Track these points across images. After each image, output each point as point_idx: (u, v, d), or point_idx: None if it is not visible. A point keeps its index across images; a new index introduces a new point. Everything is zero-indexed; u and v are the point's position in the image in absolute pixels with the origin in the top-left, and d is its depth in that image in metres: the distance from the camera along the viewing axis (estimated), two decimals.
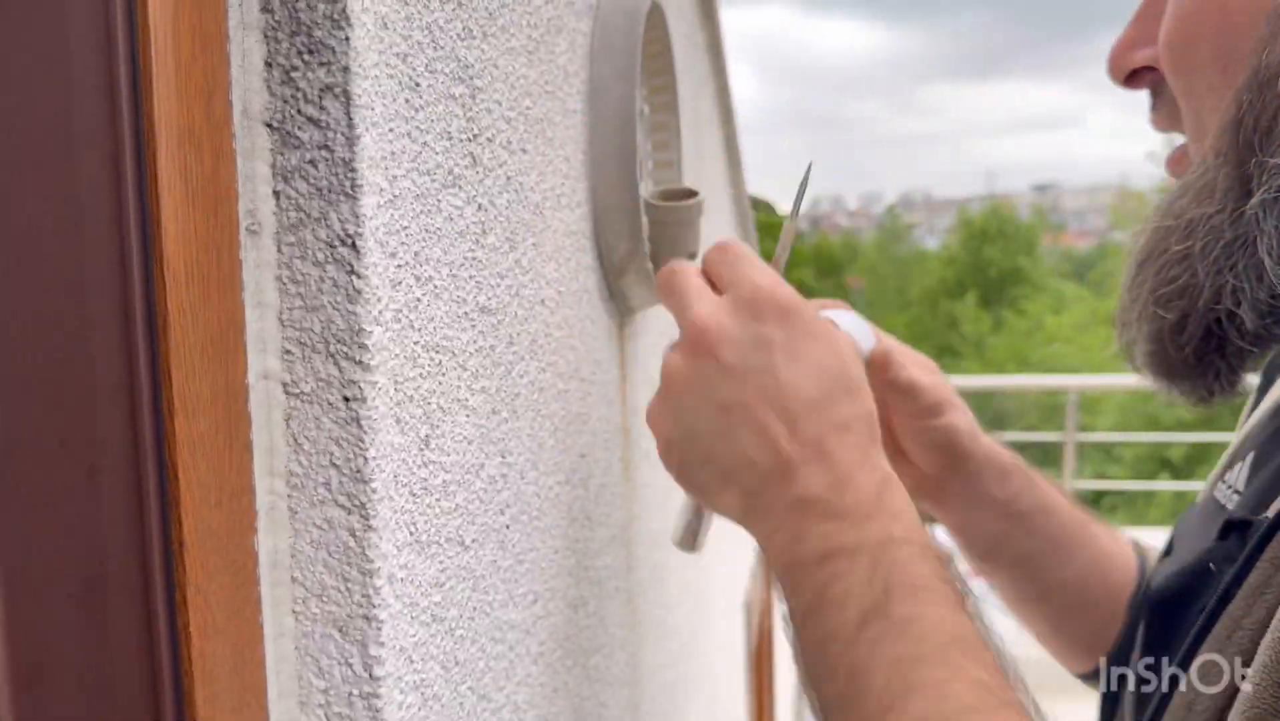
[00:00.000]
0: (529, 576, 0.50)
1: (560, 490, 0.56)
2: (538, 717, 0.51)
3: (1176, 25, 0.53)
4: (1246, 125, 0.52)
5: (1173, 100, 0.57)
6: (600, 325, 0.66)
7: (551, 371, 0.54)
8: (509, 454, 0.47)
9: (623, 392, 0.74)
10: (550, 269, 0.54)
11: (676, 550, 0.60)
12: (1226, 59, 0.52)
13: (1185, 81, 0.55)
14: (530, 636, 0.50)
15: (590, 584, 0.63)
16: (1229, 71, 0.52)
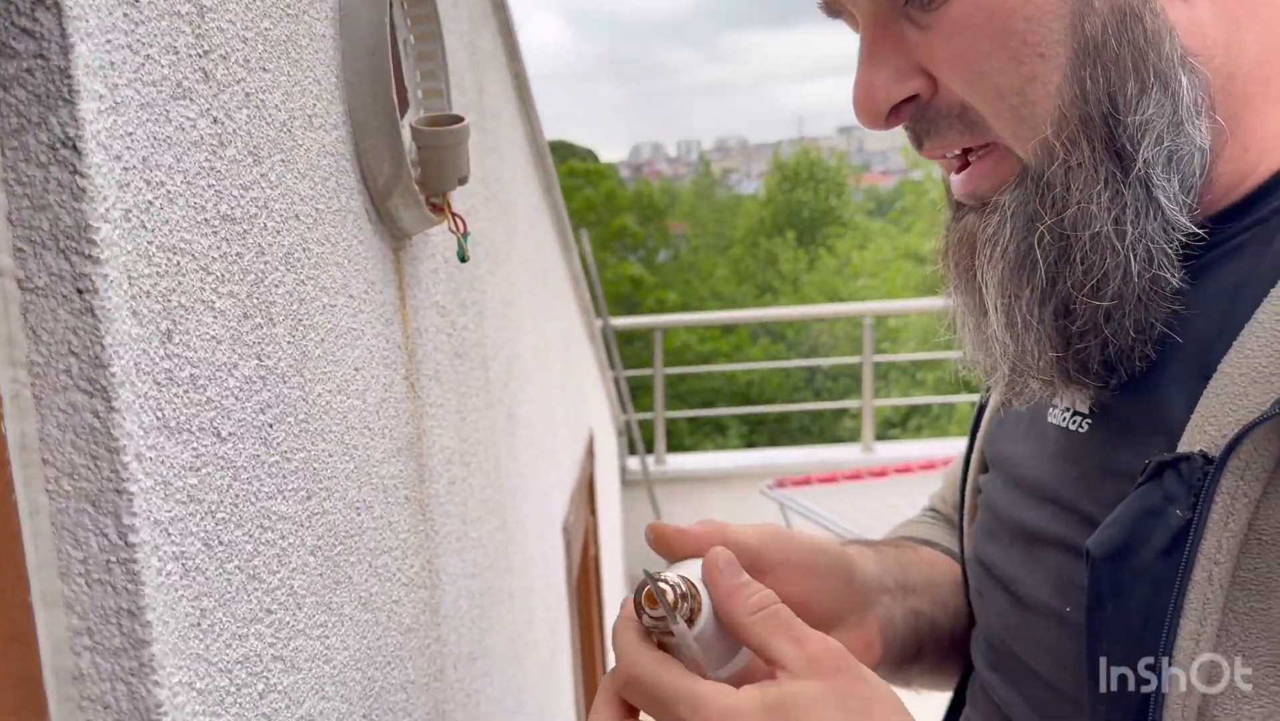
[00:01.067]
0: (299, 473, 0.53)
1: (332, 399, 0.59)
2: (317, 604, 0.55)
3: (969, 36, 0.54)
4: (1093, 98, 0.54)
5: (954, 120, 0.59)
6: (370, 246, 0.69)
7: (313, 285, 0.57)
8: (266, 357, 0.50)
9: (403, 315, 0.77)
10: (305, 186, 0.57)
11: (478, 474, 0.63)
12: (1041, 45, 0.53)
13: (991, 85, 0.56)
14: (304, 529, 0.54)
15: (374, 489, 0.66)
16: (1048, 56, 0.54)
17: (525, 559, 1.36)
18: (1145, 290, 0.56)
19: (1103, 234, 0.56)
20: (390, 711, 0.68)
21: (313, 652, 0.54)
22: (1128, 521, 0.54)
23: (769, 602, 0.52)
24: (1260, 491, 0.51)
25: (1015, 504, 0.68)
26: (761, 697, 0.48)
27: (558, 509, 1.89)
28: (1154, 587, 0.52)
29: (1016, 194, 0.59)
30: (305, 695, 0.53)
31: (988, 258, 0.60)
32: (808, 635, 0.51)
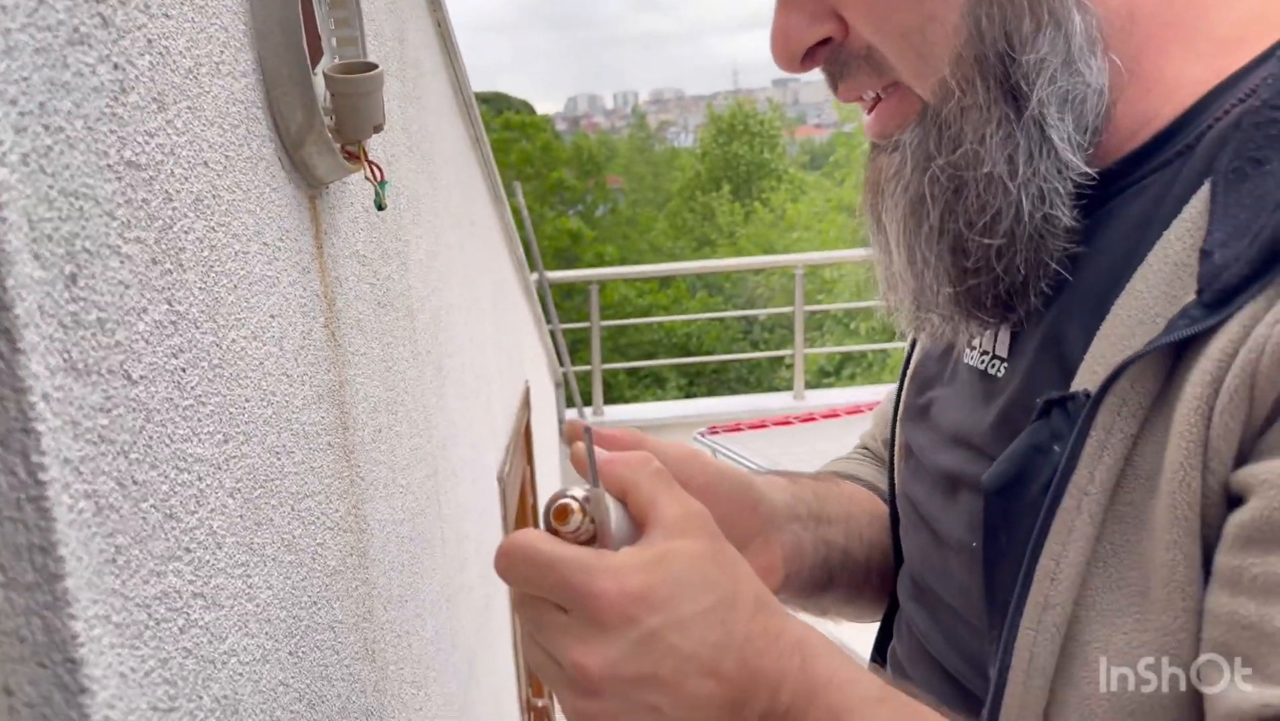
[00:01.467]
0: (215, 417, 0.54)
1: (247, 345, 0.60)
2: (237, 544, 0.56)
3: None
4: (989, 37, 0.55)
5: (861, 62, 0.60)
6: (284, 194, 0.69)
7: (224, 231, 0.58)
8: (177, 302, 0.50)
9: (321, 263, 0.77)
10: (213, 133, 0.57)
11: (405, 422, 0.65)
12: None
13: (894, 26, 0.58)
14: (223, 472, 0.55)
15: (295, 435, 0.68)
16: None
17: (457, 506, 1.38)
18: (1037, 229, 0.58)
19: (994, 173, 0.57)
20: (318, 648, 0.70)
21: (235, 591, 0.55)
22: (1018, 457, 0.56)
23: (661, 469, 0.55)
24: (1137, 428, 0.52)
25: (934, 446, 0.70)
26: (641, 555, 0.51)
27: (492, 459, 1.91)
28: (1036, 518, 0.54)
29: (916, 132, 0.60)
30: (228, 631, 0.54)
31: (890, 194, 0.62)
32: (689, 499, 0.54)
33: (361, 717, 0.81)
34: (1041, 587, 0.54)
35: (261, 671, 0.59)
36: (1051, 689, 0.54)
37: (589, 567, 0.50)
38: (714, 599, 0.51)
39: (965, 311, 0.62)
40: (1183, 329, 0.50)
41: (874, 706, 0.51)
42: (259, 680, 0.58)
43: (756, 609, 0.52)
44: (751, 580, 0.54)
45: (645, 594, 0.49)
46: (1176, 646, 0.50)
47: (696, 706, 0.51)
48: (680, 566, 0.51)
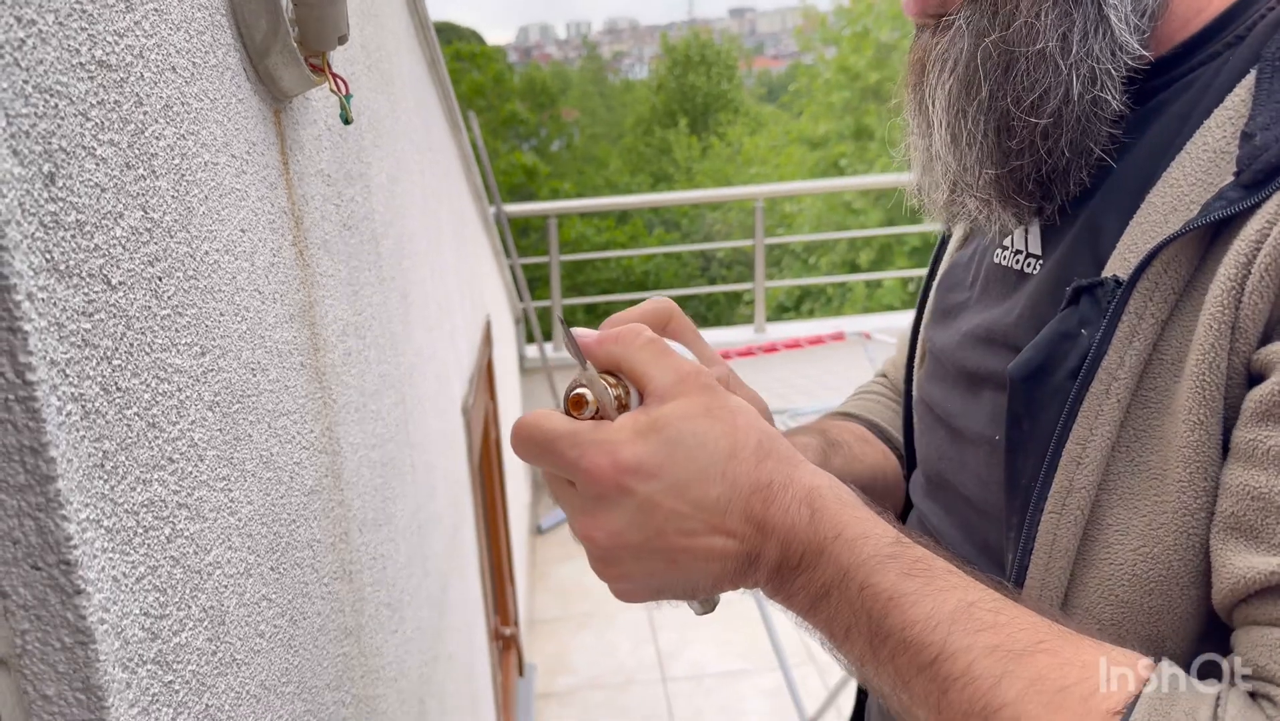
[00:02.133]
0: (191, 329, 0.53)
1: (220, 257, 0.59)
2: (218, 458, 0.56)
3: None
4: None
5: None
6: (250, 105, 0.68)
7: (194, 140, 0.56)
8: (151, 210, 0.49)
9: (287, 180, 0.76)
10: (180, 38, 0.56)
11: (374, 347, 0.63)
12: None
13: None
14: (201, 384, 0.54)
15: (269, 352, 0.67)
16: None
17: (425, 435, 1.38)
18: (1085, 111, 0.57)
19: (1046, 50, 0.56)
20: (298, 566, 0.70)
21: (217, 504, 0.55)
22: (1044, 345, 0.56)
23: (652, 339, 0.54)
24: (1167, 313, 0.52)
25: (958, 346, 0.70)
26: (633, 422, 0.50)
27: (457, 391, 1.90)
28: (1063, 405, 0.54)
29: (969, 9, 0.59)
30: (212, 543, 0.54)
31: (938, 74, 0.61)
32: (680, 362, 0.53)
33: (340, 636, 0.82)
34: (1066, 472, 0.54)
35: (245, 585, 0.59)
36: (1072, 571, 0.55)
37: (580, 442, 0.50)
38: (711, 454, 0.50)
39: (1004, 194, 0.61)
40: (1219, 210, 0.50)
41: (883, 563, 0.49)
42: (243, 593, 0.59)
43: (761, 457, 0.51)
44: (753, 428, 0.52)
45: (638, 462, 0.49)
46: (1196, 526, 0.51)
47: (710, 559, 0.51)
48: (673, 429, 0.50)
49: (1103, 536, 0.54)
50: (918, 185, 0.67)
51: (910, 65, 0.65)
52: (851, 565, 0.49)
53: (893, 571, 0.49)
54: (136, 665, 0.44)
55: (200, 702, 0.51)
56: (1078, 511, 0.54)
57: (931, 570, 0.49)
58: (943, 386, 0.72)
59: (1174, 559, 0.52)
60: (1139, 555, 0.53)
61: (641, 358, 0.53)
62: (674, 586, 0.52)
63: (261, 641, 0.62)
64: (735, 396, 0.53)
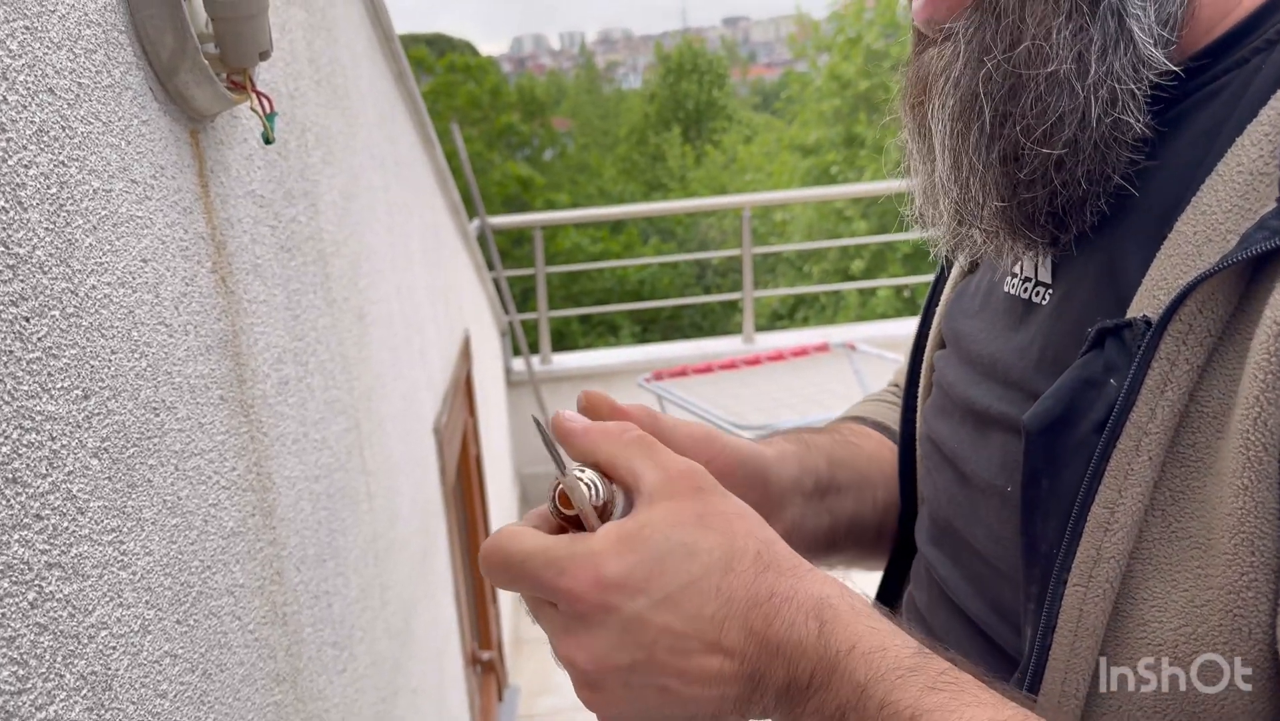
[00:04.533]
0: (70, 371, 0.49)
1: (112, 291, 0.55)
2: (105, 508, 0.52)
3: None
4: None
5: None
6: (157, 127, 0.64)
7: (78, 167, 0.52)
8: (15, 244, 0.45)
9: (206, 203, 0.72)
10: (60, 57, 0.52)
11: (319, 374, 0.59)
12: None
13: None
14: (83, 430, 0.50)
15: (176, 389, 0.63)
16: None
17: (385, 460, 1.33)
18: (1105, 137, 0.51)
19: (1060, 73, 0.50)
20: (214, 615, 0.66)
21: (103, 559, 0.51)
22: (1065, 393, 0.50)
23: (641, 436, 0.50)
24: (1204, 358, 0.46)
25: (965, 381, 0.65)
26: (617, 531, 0.46)
27: (428, 410, 1.86)
28: (1087, 461, 0.48)
29: (971, 20, 0.53)
30: (95, 602, 0.50)
31: (939, 92, 0.55)
32: (672, 460, 0.49)
33: (271, 684, 0.77)
34: (1093, 539, 0.48)
35: (142, 643, 0.55)
36: (1102, 651, 0.48)
37: (557, 561, 0.46)
38: (704, 565, 0.45)
39: (1013, 228, 0.55)
40: (1261, 242, 0.44)
41: (905, 677, 0.44)
42: (138, 652, 0.54)
43: (761, 568, 0.46)
44: (752, 535, 0.47)
45: (623, 578, 0.45)
46: (1242, 607, 0.44)
47: (707, 683, 0.46)
48: (661, 537, 0.46)
49: (1137, 613, 0.47)
50: (920, 213, 0.61)
51: (910, 80, 0.59)
52: (869, 680, 0.44)
53: (915, 686, 0.43)
54: None
55: None
56: (1107, 584, 0.48)
57: (959, 683, 0.44)
58: (949, 423, 0.66)
59: (1220, 641, 0.46)
60: (1180, 635, 0.46)
61: (628, 455, 0.49)
62: (670, 717, 0.47)
63: (163, 702, 0.57)
64: (733, 498, 0.49)
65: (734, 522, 0.48)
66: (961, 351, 0.67)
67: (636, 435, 0.50)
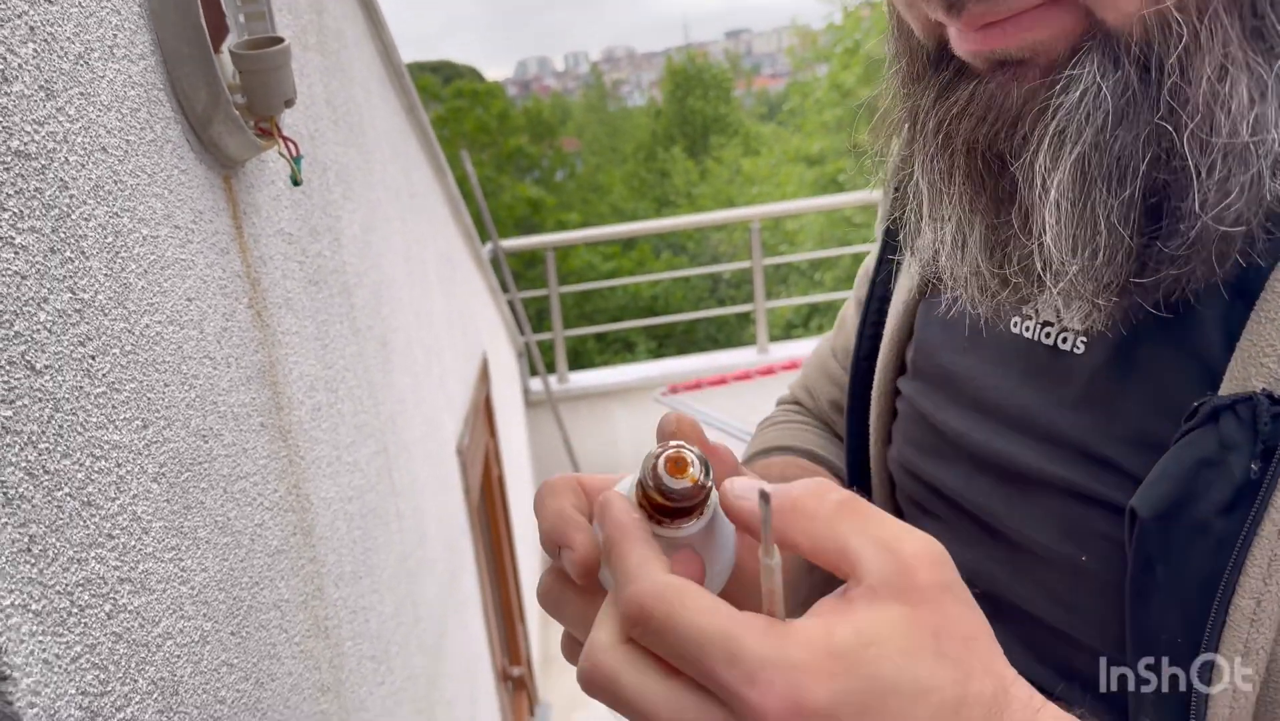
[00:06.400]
0: (131, 403, 0.54)
1: (162, 329, 0.60)
2: (166, 529, 0.56)
3: None
4: None
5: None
6: (195, 175, 0.69)
7: (130, 216, 0.57)
8: (80, 290, 0.50)
9: (241, 243, 0.77)
10: (111, 118, 0.57)
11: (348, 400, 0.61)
12: None
13: None
14: (144, 457, 0.55)
15: (222, 417, 0.68)
16: None
17: (412, 481, 1.38)
18: (1270, 209, 0.44)
19: (1237, 143, 0.43)
20: (263, 628, 0.71)
21: (165, 575, 0.56)
22: (1178, 475, 0.45)
23: (849, 500, 0.37)
24: None
25: (982, 430, 0.59)
26: (826, 641, 0.34)
27: (450, 432, 1.91)
28: (1214, 548, 0.44)
29: (1103, 69, 0.44)
30: (160, 615, 0.55)
31: (1050, 144, 0.46)
32: (902, 535, 0.36)
33: (316, 694, 0.82)
34: (1238, 633, 0.44)
35: (202, 652, 0.60)
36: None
37: (744, 659, 0.34)
38: (931, 709, 0.35)
39: (1123, 301, 0.47)
40: None
41: None
42: (199, 661, 0.59)
43: (996, 711, 0.36)
44: (990, 672, 0.37)
45: (829, 709, 0.33)
46: None
47: None
48: (890, 667, 0.34)
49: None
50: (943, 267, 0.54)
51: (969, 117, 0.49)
52: None
53: None
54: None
55: None
56: (1254, 678, 0.44)
57: None
58: (960, 473, 0.61)
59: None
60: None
61: (842, 530, 0.36)
62: None
63: (222, 707, 0.62)
64: (969, 604, 0.38)
65: (971, 650, 0.37)
66: (960, 394, 0.61)
67: (840, 499, 0.37)
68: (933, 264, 0.56)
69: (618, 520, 0.40)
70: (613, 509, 0.41)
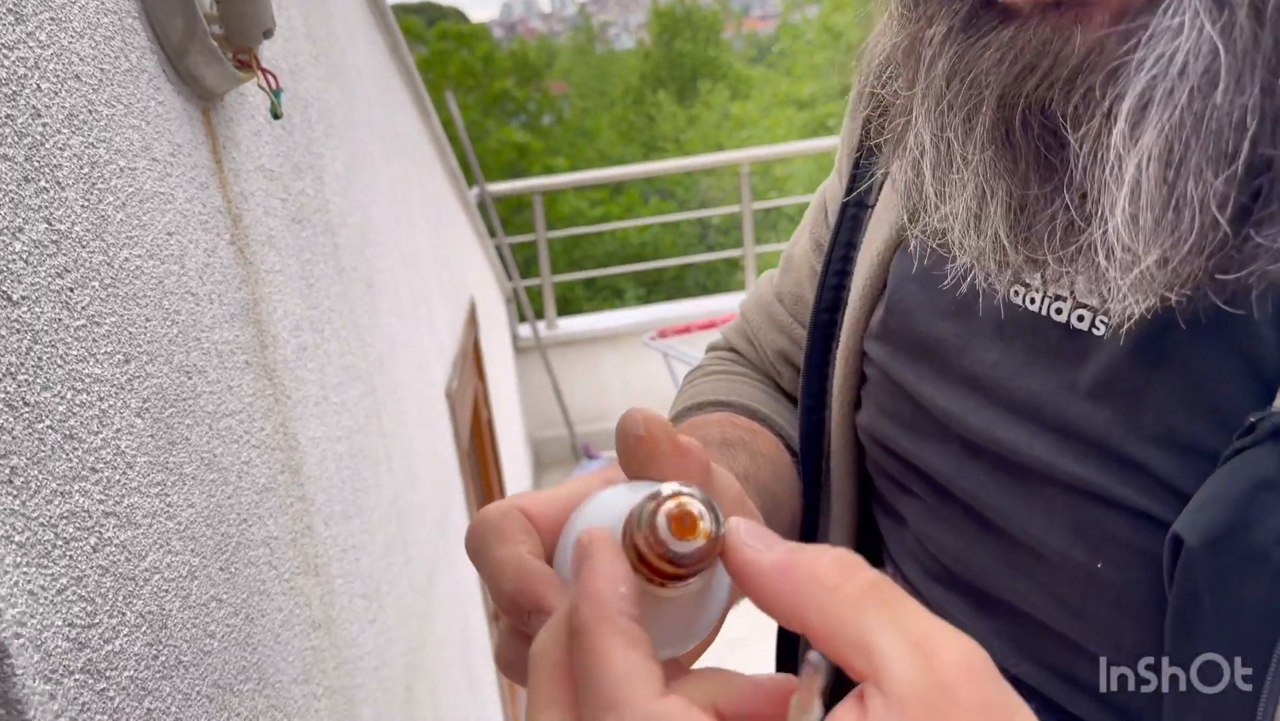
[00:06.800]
0: (112, 337, 0.53)
1: (142, 263, 0.59)
2: (150, 464, 0.56)
3: None
4: None
5: None
6: (172, 107, 0.67)
7: (106, 147, 0.56)
8: (57, 221, 0.49)
9: (221, 178, 0.76)
10: (84, 46, 0.55)
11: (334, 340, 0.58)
12: None
13: None
14: (126, 392, 0.54)
15: (205, 354, 0.67)
16: None
17: (401, 423, 1.38)
18: None
19: None
20: (252, 564, 0.71)
21: (151, 509, 0.56)
22: (1232, 498, 0.40)
23: (875, 582, 0.30)
24: None
25: (975, 412, 0.53)
26: None
27: (438, 376, 1.90)
28: (1273, 580, 0.39)
29: (1207, 11, 0.37)
30: (147, 549, 0.55)
31: (1131, 111, 0.38)
32: (938, 636, 0.29)
33: (308, 630, 0.82)
34: None
35: (190, 587, 0.60)
36: None
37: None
38: None
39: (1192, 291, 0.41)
40: None
41: None
42: (188, 596, 0.59)
43: None
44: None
45: None
46: None
47: None
48: None
49: None
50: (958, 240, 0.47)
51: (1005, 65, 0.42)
52: None
53: None
54: (61, 676, 0.44)
55: (140, 707, 0.51)
56: None
57: None
58: (950, 457, 0.55)
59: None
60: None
61: (868, 619, 0.29)
62: None
63: (212, 642, 0.62)
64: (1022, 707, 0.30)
65: None
66: (948, 368, 0.54)
67: (871, 579, 0.30)
68: (934, 232, 0.48)
69: (600, 597, 0.30)
70: (596, 577, 0.31)
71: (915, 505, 0.59)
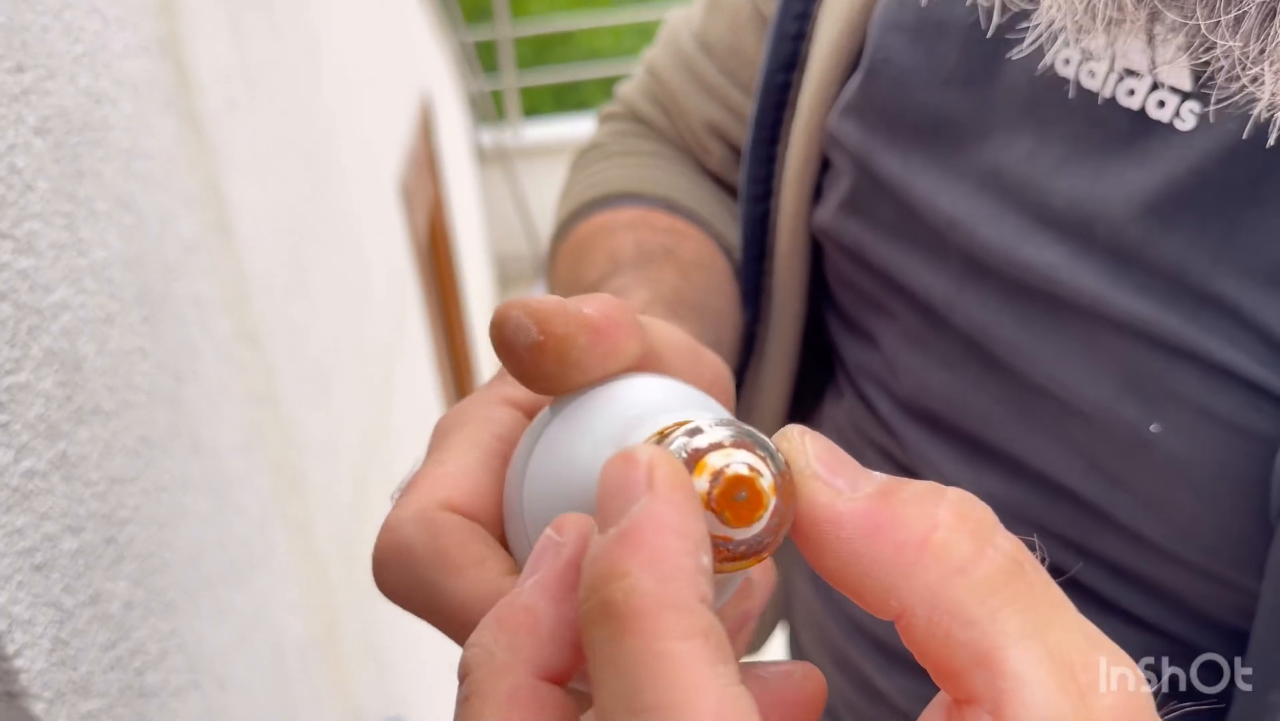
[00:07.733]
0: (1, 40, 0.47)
1: None
2: (54, 191, 0.50)
3: None
4: None
5: None
6: None
7: None
8: None
9: None
10: None
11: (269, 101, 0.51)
12: None
13: None
14: (21, 104, 0.48)
15: (117, 83, 0.60)
16: None
17: (348, 210, 1.31)
18: None
19: None
20: (181, 323, 0.66)
21: (57, 241, 0.50)
22: None
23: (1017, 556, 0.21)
24: None
25: (993, 221, 0.40)
26: None
27: (390, 165, 1.82)
28: None
29: None
30: (54, 282, 0.49)
31: None
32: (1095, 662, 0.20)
33: (249, 402, 0.79)
34: None
35: (108, 332, 0.55)
36: None
37: None
38: None
39: None
40: None
41: None
42: (105, 341, 0.55)
43: None
44: None
45: None
46: None
47: None
48: None
49: None
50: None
51: None
52: None
53: None
54: None
55: (53, 449, 0.48)
56: None
57: None
58: (949, 276, 0.43)
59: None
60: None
61: (1000, 619, 0.20)
62: None
63: (138, 395, 0.58)
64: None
65: None
66: (955, 157, 0.42)
67: (1008, 558, 0.21)
68: None
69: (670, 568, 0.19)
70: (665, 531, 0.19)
71: (892, 327, 0.48)
